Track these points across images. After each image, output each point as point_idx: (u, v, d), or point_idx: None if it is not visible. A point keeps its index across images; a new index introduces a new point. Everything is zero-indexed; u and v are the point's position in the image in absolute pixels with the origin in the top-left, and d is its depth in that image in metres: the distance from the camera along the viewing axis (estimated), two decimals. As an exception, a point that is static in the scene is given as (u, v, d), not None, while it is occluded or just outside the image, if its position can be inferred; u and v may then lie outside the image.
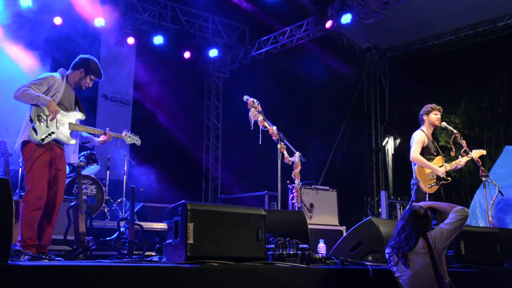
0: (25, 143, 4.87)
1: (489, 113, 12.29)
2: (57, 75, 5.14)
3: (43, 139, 4.82)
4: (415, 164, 6.52)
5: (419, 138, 6.57)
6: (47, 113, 4.90)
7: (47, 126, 4.91)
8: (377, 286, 4.52)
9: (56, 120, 4.99)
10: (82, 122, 5.33)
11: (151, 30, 11.42)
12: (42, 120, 4.89)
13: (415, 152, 6.50)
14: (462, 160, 6.73)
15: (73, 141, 5.19)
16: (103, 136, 5.41)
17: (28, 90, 4.82)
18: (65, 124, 5.08)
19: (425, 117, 6.72)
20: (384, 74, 14.48)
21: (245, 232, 4.13)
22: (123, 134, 5.71)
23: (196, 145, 12.75)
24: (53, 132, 4.93)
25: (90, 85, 5.37)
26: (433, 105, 6.77)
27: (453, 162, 6.67)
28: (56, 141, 5.02)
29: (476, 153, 6.84)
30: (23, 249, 4.61)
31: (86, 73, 5.24)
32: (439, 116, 6.73)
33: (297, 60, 12.60)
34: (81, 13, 10.00)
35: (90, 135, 5.42)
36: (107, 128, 5.44)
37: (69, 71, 5.27)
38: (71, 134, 5.15)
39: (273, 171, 6.44)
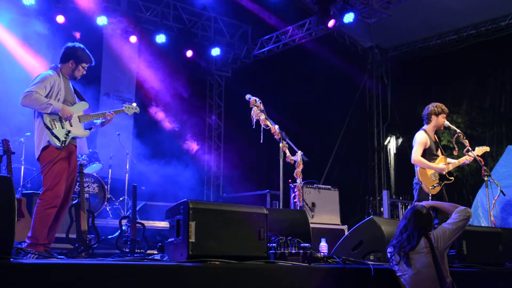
0: (44, 149, 4.87)
1: (491, 112, 12.26)
2: (51, 72, 5.10)
3: (64, 141, 4.86)
4: (417, 166, 6.48)
5: (421, 140, 6.47)
6: (59, 115, 4.92)
7: (62, 128, 4.94)
8: (379, 286, 4.52)
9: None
10: (86, 110, 5.32)
11: (154, 29, 11.43)
12: (57, 123, 4.92)
13: (416, 155, 6.43)
14: (470, 155, 6.64)
15: (87, 133, 5.24)
16: (103, 118, 5.40)
17: (37, 96, 4.81)
18: (76, 119, 5.12)
19: (433, 117, 6.57)
20: (386, 73, 14.46)
21: (247, 231, 4.13)
22: (123, 108, 5.71)
23: (198, 143, 12.74)
24: (69, 131, 4.96)
25: (84, 73, 5.33)
26: (444, 107, 6.62)
27: (461, 158, 6.61)
28: (73, 138, 5.06)
29: (479, 150, 6.78)
30: (32, 247, 4.62)
31: (76, 63, 5.20)
32: (445, 119, 6.66)
33: (299, 59, 12.59)
34: (83, 12, 10.01)
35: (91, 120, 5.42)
36: (111, 112, 5.46)
37: (59, 64, 5.22)
38: (83, 126, 5.19)
39: (275, 170, 6.44)
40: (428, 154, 6.49)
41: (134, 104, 5.83)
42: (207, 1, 11.18)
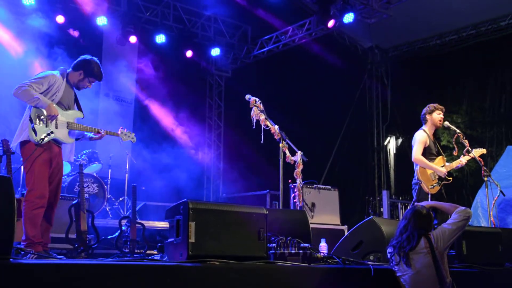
0: (24, 143, 4.90)
1: (491, 112, 12.26)
2: (57, 73, 5.14)
3: (42, 139, 4.84)
4: (417, 165, 6.51)
5: (420, 138, 6.55)
6: (47, 114, 4.92)
7: (46, 126, 4.93)
8: (379, 286, 4.52)
9: (56, 120, 5.01)
10: (80, 120, 5.33)
11: (154, 29, 11.42)
12: (42, 120, 4.91)
13: (416, 153, 6.48)
14: (463, 160, 6.71)
15: (71, 140, 5.22)
16: (94, 134, 5.39)
17: (28, 89, 4.82)
18: (64, 124, 5.11)
19: (427, 117, 6.70)
20: (386, 73, 14.46)
21: (247, 231, 4.13)
22: (119, 132, 5.72)
23: (198, 143, 12.74)
24: (52, 132, 4.95)
25: (90, 87, 5.36)
26: (436, 105, 6.74)
27: (454, 162, 6.66)
28: (55, 140, 5.05)
29: (476, 152, 6.81)
30: (29, 248, 4.62)
31: (85, 75, 5.24)
32: (441, 116, 6.71)
33: (299, 59, 12.59)
34: (83, 12, 10.01)
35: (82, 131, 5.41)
36: (103, 130, 5.43)
37: (69, 70, 5.27)
38: (69, 133, 5.17)
39: (275, 170, 6.44)
40: (428, 153, 6.54)
41: (133, 134, 5.85)
42: (207, 1, 11.18)
